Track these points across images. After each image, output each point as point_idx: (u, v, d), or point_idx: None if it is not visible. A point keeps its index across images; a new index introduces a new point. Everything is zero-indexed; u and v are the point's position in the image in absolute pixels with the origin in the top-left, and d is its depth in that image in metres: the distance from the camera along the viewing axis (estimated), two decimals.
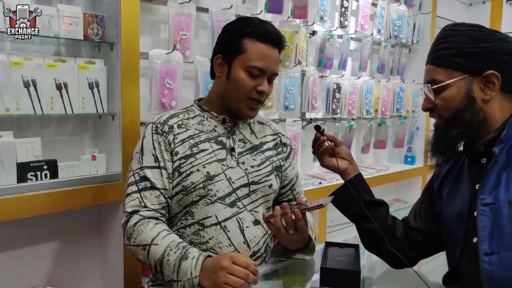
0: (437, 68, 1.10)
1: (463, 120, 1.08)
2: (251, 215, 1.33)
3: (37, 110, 1.59)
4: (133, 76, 1.74)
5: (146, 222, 1.21)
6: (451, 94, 1.08)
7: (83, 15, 1.67)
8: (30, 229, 1.71)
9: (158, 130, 1.30)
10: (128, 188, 1.28)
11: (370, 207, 1.26)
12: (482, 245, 1.02)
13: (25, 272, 1.71)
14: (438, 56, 1.11)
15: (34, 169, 1.59)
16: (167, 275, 1.13)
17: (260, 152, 1.39)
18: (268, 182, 1.37)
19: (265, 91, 1.30)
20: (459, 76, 1.07)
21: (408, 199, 3.42)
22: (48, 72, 1.61)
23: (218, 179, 1.29)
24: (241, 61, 1.29)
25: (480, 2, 4.02)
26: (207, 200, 1.27)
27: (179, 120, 1.34)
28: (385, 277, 1.37)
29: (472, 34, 1.07)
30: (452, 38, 1.09)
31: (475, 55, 1.06)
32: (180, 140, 1.30)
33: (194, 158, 1.28)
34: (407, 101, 3.31)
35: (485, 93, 1.07)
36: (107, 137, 1.83)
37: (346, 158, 1.31)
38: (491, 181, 1.04)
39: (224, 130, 1.36)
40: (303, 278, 1.34)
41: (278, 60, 1.34)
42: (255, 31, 1.29)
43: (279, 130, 1.51)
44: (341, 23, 2.71)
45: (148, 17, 1.96)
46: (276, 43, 1.31)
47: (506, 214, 1.00)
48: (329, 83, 2.71)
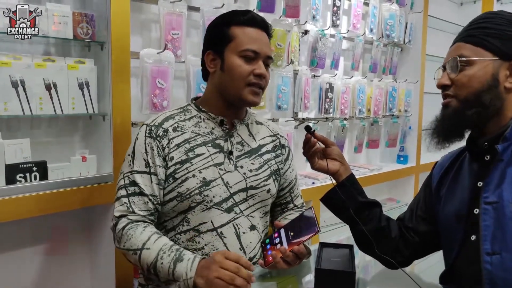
0: (467, 45, 1.07)
1: (482, 102, 1.05)
2: (247, 221, 1.31)
3: (26, 111, 1.56)
4: (124, 76, 1.72)
5: (134, 226, 1.20)
6: (476, 73, 1.05)
7: (73, 14, 1.64)
8: (19, 231, 1.68)
9: (152, 133, 1.26)
10: (118, 192, 1.26)
11: (363, 208, 1.25)
12: (484, 245, 1.01)
13: (13, 276, 1.68)
14: (473, 34, 1.07)
15: (23, 171, 1.56)
16: (163, 276, 1.13)
17: (258, 155, 1.36)
18: (266, 187, 1.35)
19: (263, 73, 1.27)
20: (490, 57, 1.04)
21: (401, 199, 3.42)
22: (37, 72, 1.58)
23: (214, 184, 1.26)
24: (233, 48, 1.26)
25: (471, 2, 4.05)
26: (203, 206, 1.25)
27: (175, 122, 1.29)
28: (379, 278, 1.36)
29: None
30: (493, 20, 1.06)
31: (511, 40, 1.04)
32: (175, 144, 1.26)
33: (190, 164, 1.25)
34: (400, 100, 3.32)
35: (509, 81, 1.05)
36: (97, 138, 1.80)
37: (337, 159, 1.29)
38: (495, 179, 1.03)
39: (222, 133, 1.32)
40: (297, 279, 1.33)
41: (269, 43, 1.31)
42: (241, 18, 1.28)
43: (278, 131, 1.48)
44: (333, 22, 2.71)
45: (138, 16, 1.94)
46: (263, 27, 1.30)
47: (510, 214, 0.98)
48: (322, 83, 2.71)
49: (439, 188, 1.22)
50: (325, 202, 1.30)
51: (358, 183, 1.30)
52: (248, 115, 1.41)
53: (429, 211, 1.25)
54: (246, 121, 1.39)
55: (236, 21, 1.27)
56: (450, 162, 1.22)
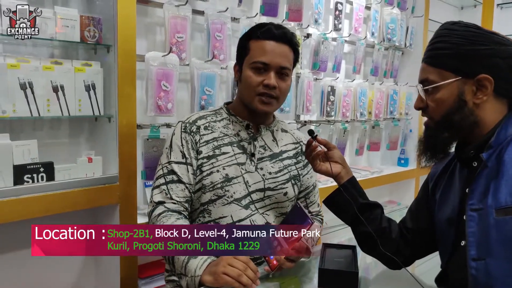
0: (430, 68, 1.09)
1: (453, 123, 1.06)
2: (262, 218, 1.38)
3: (33, 113, 1.59)
4: (129, 78, 1.74)
5: (169, 215, 1.28)
6: (442, 97, 1.07)
7: (80, 18, 1.67)
8: (25, 232, 1.68)
9: (186, 129, 1.38)
10: (157, 181, 1.36)
11: (365, 210, 1.27)
12: (470, 251, 1.02)
13: (19, 275, 1.70)
14: (432, 55, 1.09)
15: (30, 172, 1.58)
16: (177, 268, 1.18)
17: (279, 160, 1.44)
18: (284, 190, 1.42)
19: (271, 83, 1.33)
20: (452, 78, 1.05)
21: (402, 201, 3.43)
22: (45, 74, 1.60)
23: (236, 181, 1.35)
24: (247, 61, 1.37)
25: (472, 6, 4.07)
26: (223, 201, 1.34)
27: (206, 122, 1.41)
28: (381, 278, 1.38)
29: (468, 35, 1.04)
30: (448, 38, 1.06)
31: (469, 58, 1.04)
32: (205, 140, 1.38)
33: (216, 159, 1.36)
34: (400, 103, 3.33)
35: (476, 96, 1.05)
36: (103, 139, 1.82)
37: (339, 162, 1.31)
38: (480, 187, 1.04)
39: (247, 136, 1.42)
40: (299, 279, 1.34)
41: (286, 55, 1.37)
42: (259, 31, 1.36)
43: (302, 138, 1.55)
44: (335, 26, 2.74)
45: (144, 19, 1.96)
46: (280, 38, 1.35)
47: (493, 220, 0.99)
48: (324, 86, 2.73)
49: (435, 191, 1.24)
50: (328, 204, 1.32)
51: (359, 185, 1.32)
52: (275, 122, 1.51)
53: (427, 213, 1.27)
54: (272, 127, 1.48)
55: (254, 35, 1.37)
56: (444, 166, 1.23)
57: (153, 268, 1.93)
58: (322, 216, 1.59)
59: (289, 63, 1.37)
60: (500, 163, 1.02)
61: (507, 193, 0.99)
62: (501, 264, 0.98)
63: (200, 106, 1.98)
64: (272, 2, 2.30)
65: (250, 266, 1.11)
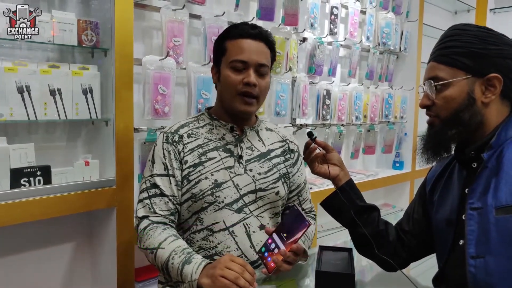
0: (440, 65, 1.10)
1: (461, 120, 1.08)
2: (257, 220, 1.37)
3: (30, 116, 1.59)
4: (126, 82, 1.74)
5: (155, 227, 1.27)
6: (452, 94, 1.08)
7: (77, 22, 1.67)
8: (22, 235, 1.70)
9: (168, 139, 1.36)
10: (140, 194, 1.35)
11: (362, 212, 1.28)
12: (469, 249, 1.04)
13: (16, 278, 1.70)
14: (444, 53, 1.10)
15: (27, 175, 1.58)
16: (173, 277, 1.18)
17: (267, 159, 1.43)
18: (275, 189, 1.41)
19: (251, 81, 1.32)
20: (463, 76, 1.07)
21: (397, 204, 3.46)
22: (42, 77, 1.61)
23: (225, 186, 1.33)
24: (225, 60, 1.35)
25: (465, 11, 4.11)
26: (215, 207, 1.32)
27: (189, 129, 1.39)
28: (377, 280, 1.39)
29: (480, 35, 1.06)
30: (460, 37, 1.08)
31: (481, 56, 1.05)
32: (189, 149, 1.35)
33: (203, 166, 1.33)
34: (395, 107, 3.36)
35: (485, 96, 1.07)
36: (100, 143, 1.83)
37: (337, 164, 1.32)
38: (480, 186, 1.06)
39: (232, 138, 1.40)
40: (296, 282, 1.35)
41: (264, 52, 1.36)
42: (234, 31, 1.35)
43: (287, 136, 1.54)
44: (331, 30, 2.76)
45: (141, 23, 1.97)
46: (256, 36, 1.35)
47: (493, 219, 1.01)
48: (319, 89, 2.74)
49: (432, 193, 1.26)
50: (325, 206, 1.33)
51: (357, 188, 1.33)
52: (258, 122, 1.49)
53: (424, 215, 1.29)
54: (256, 127, 1.46)
55: (230, 34, 1.36)
56: (442, 169, 1.25)
57: (150, 271, 1.93)
58: (315, 213, 1.61)
59: (266, 60, 1.36)
60: (500, 163, 1.04)
61: (507, 192, 1.01)
62: (501, 262, 1.00)
63: (197, 109, 1.99)
64: (269, 6, 2.32)
65: (248, 269, 1.11)
